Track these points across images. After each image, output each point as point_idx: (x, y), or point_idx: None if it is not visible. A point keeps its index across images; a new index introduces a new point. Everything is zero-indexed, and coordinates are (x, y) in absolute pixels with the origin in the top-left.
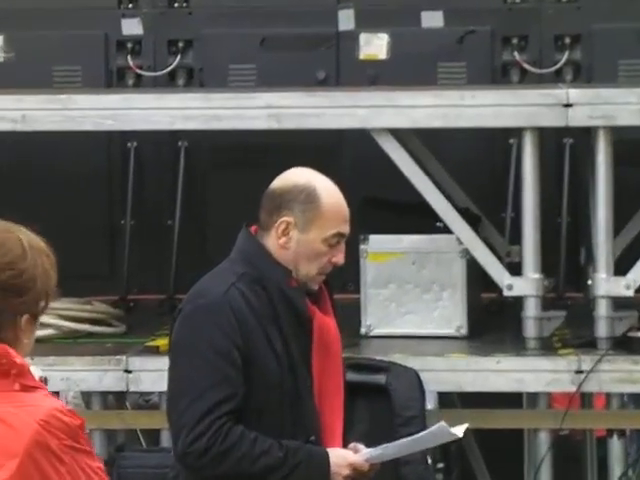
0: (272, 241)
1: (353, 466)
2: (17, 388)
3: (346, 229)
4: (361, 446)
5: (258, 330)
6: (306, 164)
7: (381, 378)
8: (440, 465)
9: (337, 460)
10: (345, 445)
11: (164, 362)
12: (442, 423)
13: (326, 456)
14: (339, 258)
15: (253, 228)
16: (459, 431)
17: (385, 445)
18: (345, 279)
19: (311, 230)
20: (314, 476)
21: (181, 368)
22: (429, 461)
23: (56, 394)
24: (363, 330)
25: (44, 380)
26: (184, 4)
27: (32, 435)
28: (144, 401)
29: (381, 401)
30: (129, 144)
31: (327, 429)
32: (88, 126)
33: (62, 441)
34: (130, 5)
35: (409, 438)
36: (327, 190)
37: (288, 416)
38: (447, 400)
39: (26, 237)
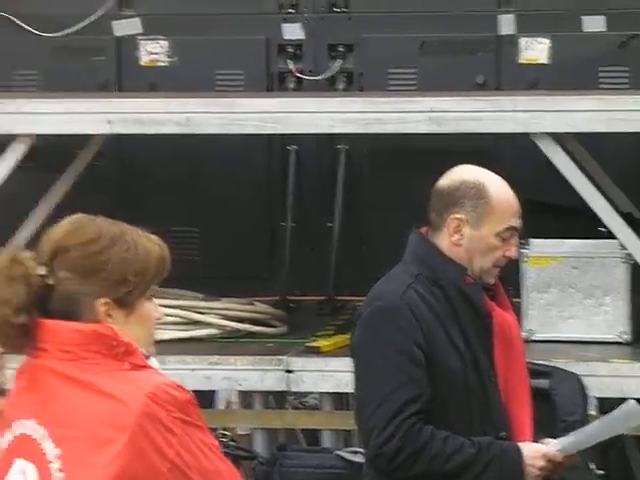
0: (444, 240)
1: (547, 457)
2: (127, 367)
3: (518, 223)
4: (550, 440)
5: (438, 328)
6: None
7: (544, 382)
8: (600, 472)
9: (530, 453)
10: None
11: (325, 362)
12: (631, 401)
13: (518, 450)
14: (512, 252)
15: (424, 229)
16: None
17: (576, 431)
18: (505, 282)
19: (483, 226)
20: (508, 470)
21: (366, 371)
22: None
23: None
24: (524, 334)
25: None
26: (344, 9)
27: (141, 407)
28: (300, 403)
29: (543, 405)
30: (289, 147)
31: (516, 424)
32: (251, 129)
33: (171, 413)
34: (291, 10)
35: (598, 421)
36: (496, 185)
37: (476, 413)
38: (608, 406)
39: (112, 229)
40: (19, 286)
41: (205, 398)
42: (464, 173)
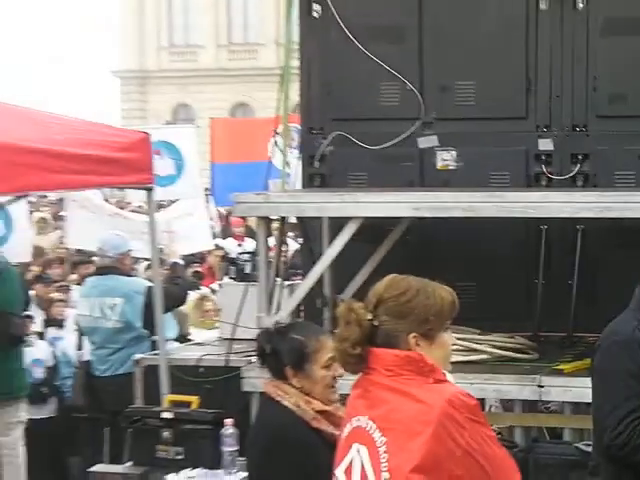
0: None
1: None
2: (431, 381)
3: None
4: None
5: None
6: None
7: None
8: None
9: None
10: None
11: (567, 380)
12: None
13: None
14: None
15: None
16: None
17: None
18: None
19: None
20: None
21: (603, 387)
22: None
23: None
24: None
25: None
26: (583, 129)
27: (441, 408)
28: (545, 408)
29: None
30: (541, 226)
31: None
32: (515, 214)
33: (463, 414)
34: (545, 129)
35: None
36: None
37: None
38: None
39: (417, 283)
40: (354, 327)
41: None
42: None
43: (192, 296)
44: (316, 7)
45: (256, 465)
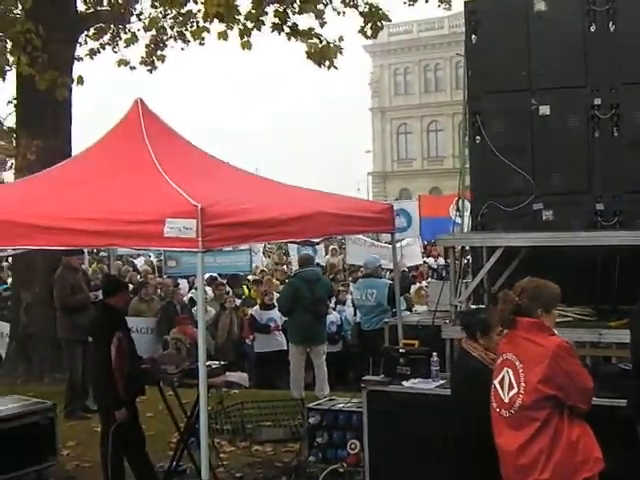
0: None
1: None
2: (547, 335)
3: None
4: None
5: None
6: None
7: None
8: None
9: None
10: None
11: (614, 331)
12: None
13: None
14: None
15: None
16: None
17: None
18: None
19: None
20: None
21: (637, 331)
22: None
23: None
24: None
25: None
26: (619, 197)
27: (553, 349)
28: (601, 346)
29: None
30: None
31: None
32: (587, 243)
33: (564, 351)
34: (600, 197)
35: None
36: None
37: None
38: None
39: (543, 281)
40: (508, 304)
41: None
42: None
43: (414, 287)
44: (477, 137)
45: (458, 388)
